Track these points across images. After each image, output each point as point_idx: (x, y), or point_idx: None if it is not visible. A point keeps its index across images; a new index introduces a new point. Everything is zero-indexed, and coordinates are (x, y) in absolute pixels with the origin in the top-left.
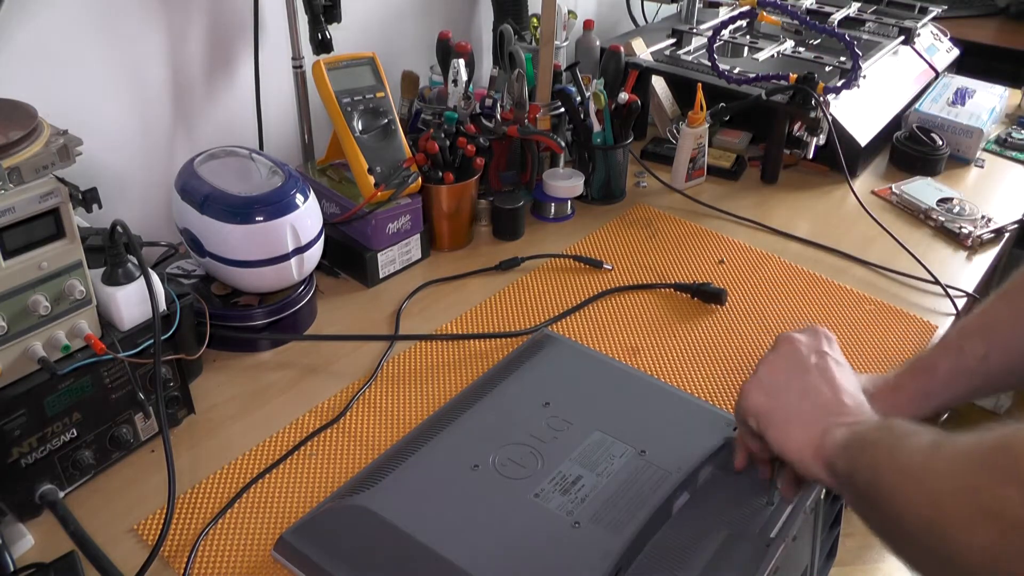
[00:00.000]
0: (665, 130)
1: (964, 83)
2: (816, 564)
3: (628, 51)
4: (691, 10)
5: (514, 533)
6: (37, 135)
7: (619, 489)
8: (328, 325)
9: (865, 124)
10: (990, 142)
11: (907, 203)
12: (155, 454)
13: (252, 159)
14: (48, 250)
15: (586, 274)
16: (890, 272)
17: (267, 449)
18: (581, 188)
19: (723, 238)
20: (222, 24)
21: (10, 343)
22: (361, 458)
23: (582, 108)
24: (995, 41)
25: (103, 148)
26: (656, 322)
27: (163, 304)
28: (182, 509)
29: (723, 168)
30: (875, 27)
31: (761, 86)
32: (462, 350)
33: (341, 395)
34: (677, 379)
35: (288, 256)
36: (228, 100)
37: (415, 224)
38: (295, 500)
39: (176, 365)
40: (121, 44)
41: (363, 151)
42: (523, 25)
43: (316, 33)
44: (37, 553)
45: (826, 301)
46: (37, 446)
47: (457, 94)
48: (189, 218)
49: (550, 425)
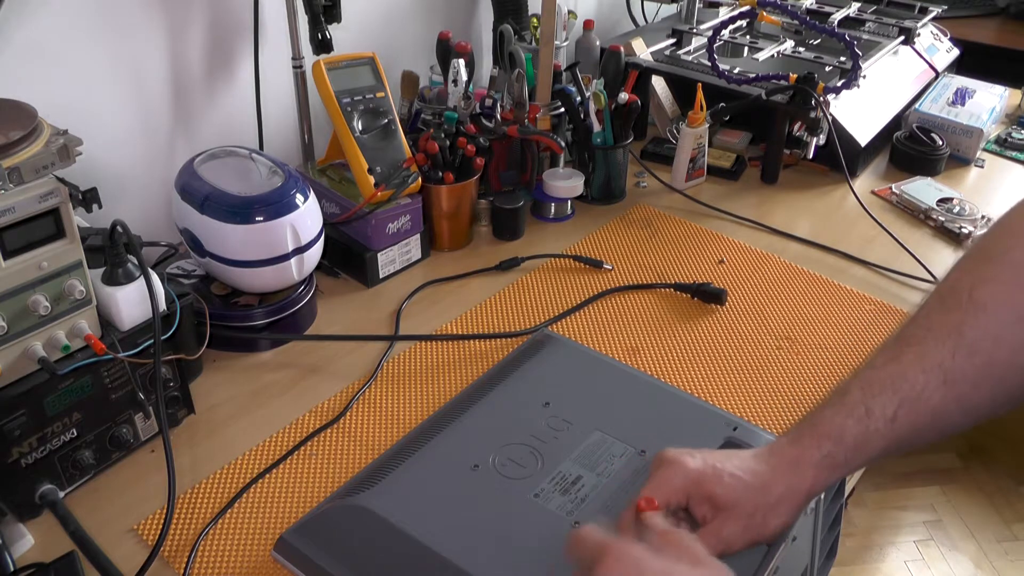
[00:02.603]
0: (665, 130)
1: (964, 83)
2: (816, 564)
3: (628, 51)
4: (691, 10)
5: (514, 533)
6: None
7: (619, 489)
8: (328, 325)
9: (865, 124)
10: (990, 142)
11: (907, 203)
12: (155, 454)
13: (252, 159)
14: (48, 250)
15: (586, 274)
16: (890, 272)
17: (267, 449)
18: (581, 188)
19: (723, 238)
20: (222, 24)
21: (10, 343)
22: (361, 458)
23: (582, 108)
24: (995, 41)
25: (103, 148)
26: (656, 322)
27: (163, 304)
28: (182, 509)
29: (723, 168)
30: (875, 27)
31: (761, 86)
32: (462, 350)
33: (341, 395)
34: (677, 379)
35: (288, 256)
36: (228, 100)
37: (415, 224)
38: (295, 500)
39: (176, 365)
40: (121, 44)
41: (363, 151)
42: (523, 25)
43: (316, 33)
44: (37, 553)
45: (826, 301)
46: (37, 446)
47: (457, 94)
48: (189, 218)
49: (550, 425)
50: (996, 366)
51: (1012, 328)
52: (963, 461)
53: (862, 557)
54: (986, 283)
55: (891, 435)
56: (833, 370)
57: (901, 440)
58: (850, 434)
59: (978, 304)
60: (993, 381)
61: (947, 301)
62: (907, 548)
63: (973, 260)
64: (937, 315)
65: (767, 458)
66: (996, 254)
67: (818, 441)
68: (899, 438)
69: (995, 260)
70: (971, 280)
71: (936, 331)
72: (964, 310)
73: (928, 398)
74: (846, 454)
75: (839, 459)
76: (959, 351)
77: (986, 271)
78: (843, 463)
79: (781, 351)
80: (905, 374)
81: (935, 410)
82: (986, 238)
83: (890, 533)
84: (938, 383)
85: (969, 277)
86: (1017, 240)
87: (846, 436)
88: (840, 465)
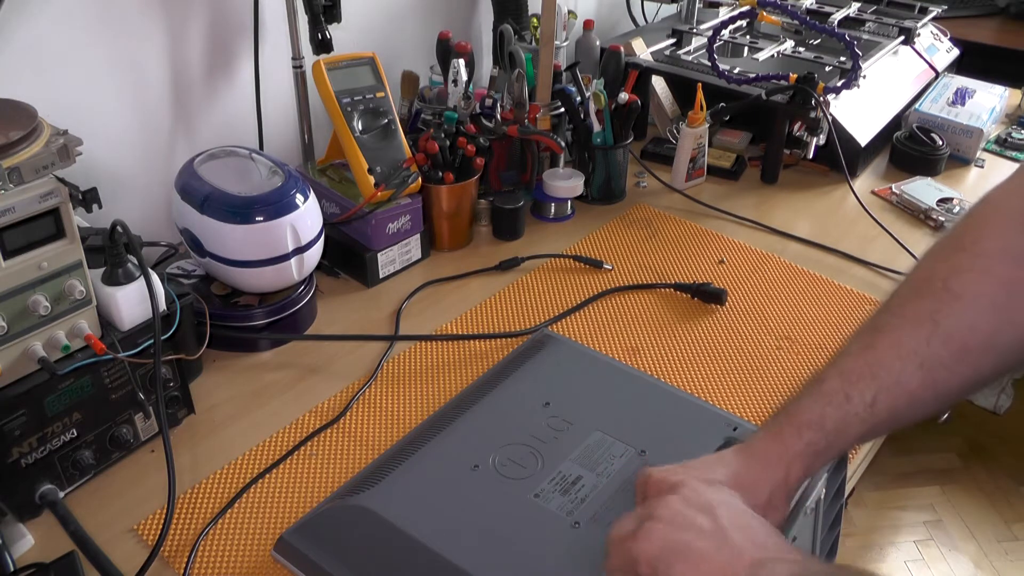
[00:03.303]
0: (665, 130)
1: (964, 83)
2: None
3: (628, 51)
4: (691, 10)
5: (514, 533)
6: (37, 135)
7: (619, 489)
8: (328, 325)
9: (865, 124)
10: (990, 142)
11: (907, 203)
12: (155, 454)
13: (252, 159)
14: (48, 250)
15: (586, 274)
16: (890, 272)
17: (267, 449)
18: (581, 188)
19: (723, 238)
20: (222, 24)
21: (10, 343)
22: (361, 458)
23: (582, 108)
24: (995, 41)
25: (103, 148)
26: (656, 322)
27: (163, 304)
28: (182, 509)
29: (723, 168)
30: (875, 27)
31: (761, 86)
32: (462, 350)
33: (341, 395)
34: (677, 379)
35: (288, 256)
36: (228, 100)
37: (415, 224)
38: (295, 500)
39: (176, 365)
40: (121, 44)
41: (363, 151)
42: (523, 25)
43: (316, 33)
44: (37, 553)
45: (826, 301)
46: (37, 446)
47: (457, 94)
48: (189, 218)
49: (550, 425)
50: (970, 352)
51: (986, 316)
52: (963, 461)
53: (862, 557)
54: (960, 273)
55: (870, 420)
56: None
57: (878, 424)
58: (830, 420)
59: (953, 293)
60: (967, 367)
61: (921, 289)
62: (907, 548)
63: (945, 250)
64: (911, 303)
65: (749, 457)
66: (968, 243)
67: (798, 431)
68: (877, 423)
69: (967, 250)
70: (945, 269)
71: (910, 319)
72: (938, 298)
73: (906, 383)
74: (827, 439)
75: (821, 445)
76: (934, 338)
77: (959, 260)
78: (825, 449)
79: (781, 351)
80: (882, 361)
81: (912, 395)
82: (957, 228)
83: (890, 533)
84: (914, 368)
85: (943, 266)
86: (989, 230)
87: (826, 423)
88: (822, 451)
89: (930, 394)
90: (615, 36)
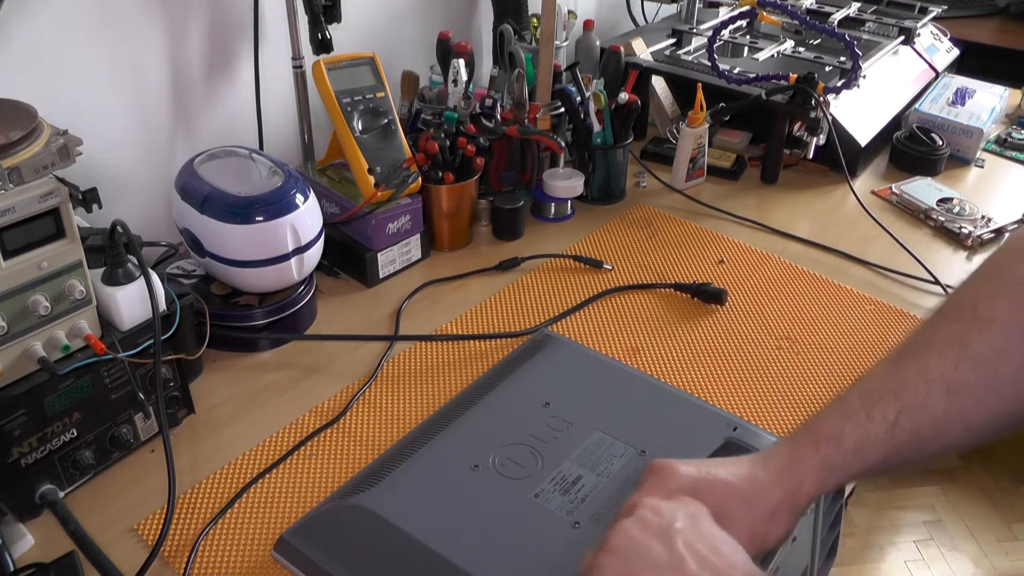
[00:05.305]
0: (665, 130)
1: (964, 83)
2: (816, 564)
3: (628, 51)
4: (691, 10)
5: (514, 533)
6: (37, 135)
7: (619, 489)
8: (328, 325)
9: (865, 124)
10: (990, 142)
11: (907, 203)
12: (155, 454)
13: (252, 159)
14: (48, 250)
15: (586, 274)
16: (890, 272)
17: (267, 449)
18: (581, 188)
19: (723, 238)
20: (222, 24)
21: (10, 343)
22: (361, 458)
23: (582, 108)
24: (995, 41)
25: (103, 148)
26: (656, 322)
27: (163, 304)
28: (182, 509)
29: (723, 168)
30: (875, 27)
31: (761, 86)
32: (462, 350)
33: (341, 395)
34: (677, 379)
35: (288, 256)
36: (228, 100)
37: (415, 224)
38: (295, 500)
39: (176, 365)
40: (121, 44)
41: (363, 151)
42: (523, 25)
43: (316, 33)
44: (37, 553)
45: (826, 301)
46: (37, 446)
47: (457, 94)
48: (189, 218)
49: (550, 425)
50: (1000, 381)
51: (1018, 343)
52: (963, 461)
53: (862, 557)
54: (990, 299)
55: (892, 441)
56: (833, 370)
57: (901, 448)
58: (849, 437)
59: (983, 318)
60: (996, 397)
61: (950, 316)
62: (907, 548)
63: (977, 279)
64: (940, 328)
65: (762, 464)
66: (998, 271)
67: (815, 444)
68: (899, 446)
69: (997, 277)
70: (975, 295)
71: (939, 343)
72: (967, 323)
73: (931, 407)
74: (844, 457)
75: (836, 462)
76: (962, 362)
77: (990, 288)
78: (840, 466)
79: (781, 351)
80: (907, 382)
81: (937, 421)
82: (990, 259)
83: (890, 533)
84: (941, 392)
85: (973, 293)
86: (1020, 257)
87: (845, 439)
88: (838, 468)
89: (957, 422)
90: (615, 36)
